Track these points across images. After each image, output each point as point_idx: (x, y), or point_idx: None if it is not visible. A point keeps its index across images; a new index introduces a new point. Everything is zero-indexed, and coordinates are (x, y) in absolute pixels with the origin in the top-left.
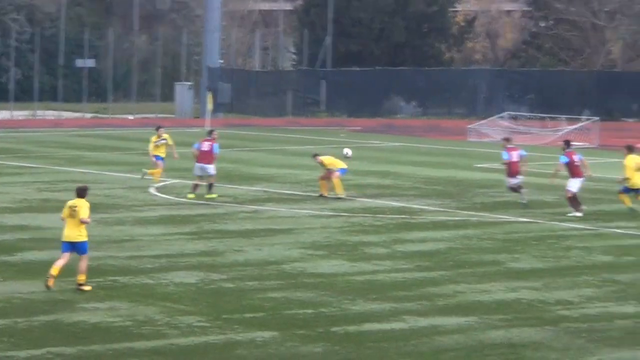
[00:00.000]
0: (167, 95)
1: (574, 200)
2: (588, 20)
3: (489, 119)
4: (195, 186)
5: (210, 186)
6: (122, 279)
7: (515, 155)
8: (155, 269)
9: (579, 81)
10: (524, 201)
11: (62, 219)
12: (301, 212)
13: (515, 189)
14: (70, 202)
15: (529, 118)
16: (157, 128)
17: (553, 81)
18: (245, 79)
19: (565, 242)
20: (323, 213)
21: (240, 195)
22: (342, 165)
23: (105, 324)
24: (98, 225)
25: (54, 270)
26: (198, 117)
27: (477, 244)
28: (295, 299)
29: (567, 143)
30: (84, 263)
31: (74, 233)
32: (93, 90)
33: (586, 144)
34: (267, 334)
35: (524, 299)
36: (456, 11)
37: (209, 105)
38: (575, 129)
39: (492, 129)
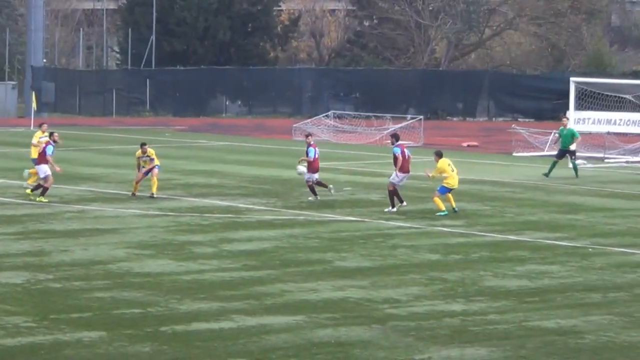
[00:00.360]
0: None
1: (394, 194)
2: (412, 19)
3: (314, 117)
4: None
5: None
6: None
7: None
8: None
9: (404, 80)
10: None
11: None
12: (127, 211)
13: (314, 184)
14: None
15: (355, 117)
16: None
17: (378, 80)
18: (69, 78)
19: (391, 241)
20: (149, 212)
21: (66, 195)
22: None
23: None
24: None
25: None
26: (22, 117)
27: (304, 242)
28: (122, 299)
29: (396, 137)
30: None
31: None
32: None
33: (411, 143)
34: (94, 334)
35: (352, 298)
36: (280, 10)
37: (34, 105)
38: (401, 127)
39: (318, 127)
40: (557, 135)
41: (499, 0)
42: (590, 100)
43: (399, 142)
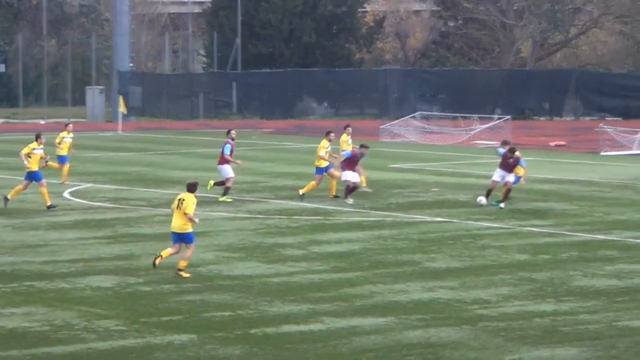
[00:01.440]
0: (78, 100)
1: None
2: (497, 19)
3: (401, 119)
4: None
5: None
6: (38, 284)
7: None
8: (71, 273)
9: (490, 80)
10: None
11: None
12: (215, 214)
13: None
14: (179, 195)
15: (441, 117)
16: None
17: (464, 80)
18: (156, 82)
19: (480, 241)
20: (238, 215)
21: (155, 199)
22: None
23: (22, 329)
24: (13, 231)
25: (165, 253)
26: (110, 121)
27: (393, 244)
28: (212, 302)
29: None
30: (189, 252)
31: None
32: (4, 95)
33: (499, 143)
34: (185, 337)
35: (441, 299)
36: (365, 12)
37: (122, 109)
38: (488, 128)
39: (405, 129)
40: None
41: None
42: None
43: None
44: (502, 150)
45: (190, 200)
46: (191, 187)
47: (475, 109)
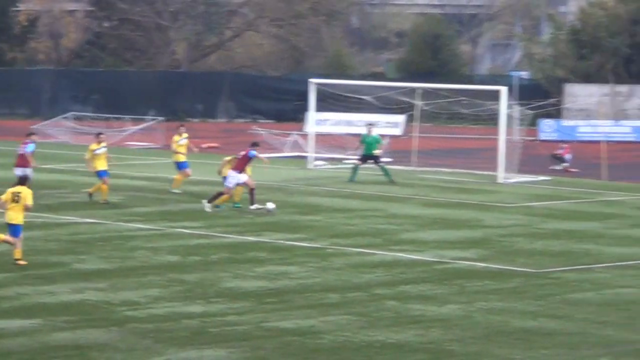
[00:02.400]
0: None
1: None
2: (152, 21)
3: (53, 119)
4: None
5: None
6: None
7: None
8: None
9: (144, 81)
10: None
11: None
12: None
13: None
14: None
15: (94, 118)
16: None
17: (118, 81)
18: None
19: (131, 243)
20: None
21: None
22: None
23: None
24: None
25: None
26: None
27: (43, 245)
28: None
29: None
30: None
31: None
32: None
33: (151, 144)
34: None
35: (90, 300)
36: (18, 11)
37: None
38: (141, 129)
39: (57, 129)
40: (359, 142)
41: (240, 2)
42: (330, 101)
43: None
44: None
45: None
46: (23, 181)
47: (129, 110)
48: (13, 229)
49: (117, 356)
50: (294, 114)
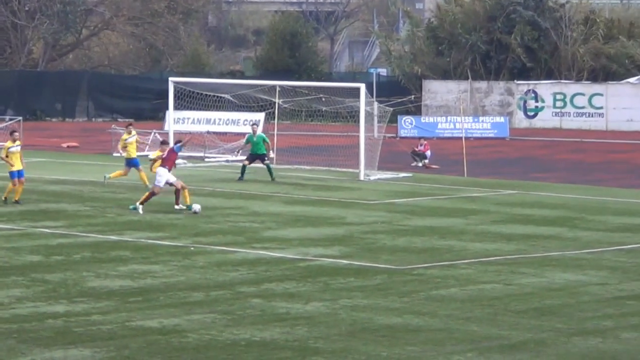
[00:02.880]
0: None
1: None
2: (8, 20)
3: None
4: None
5: None
6: None
7: None
8: None
9: (1, 81)
10: None
11: None
12: None
13: None
14: None
15: None
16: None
17: None
18: None
19: None
20: None
21: None
22: None
23: None
24: None
25: None
26: None
27: None
28: None
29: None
30: None
31: None
32: None
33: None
34: None
35: None
36: None
37: None
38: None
39: None
40: (244, 142)
41: (96, 1)
42: (189, 100)
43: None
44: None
45: None
46: None
47: None
48: None
49: None
50: (153, 113)
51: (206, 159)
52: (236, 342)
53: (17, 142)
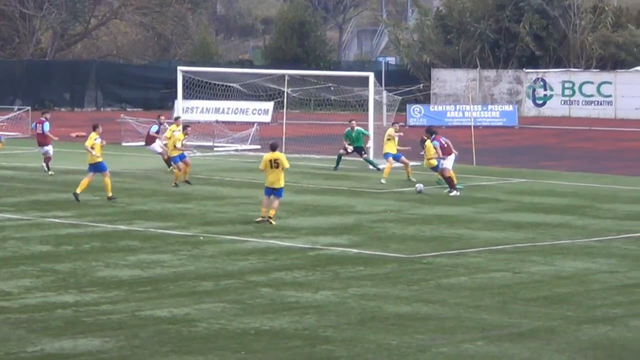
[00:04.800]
0: None
1: (451, 179)
2: (16, 9)
3: None
4: None
5: None
6: None
7: None
8: None
9: (10, 71)
10: None
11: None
12: None
13: None
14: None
15: None
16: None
17: None
18: None
19: (1, 233)
20: None
21: None
22: None
23: None
24: None
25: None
26: None
27: None
28: None
29: (431, 131)
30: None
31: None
32: None
33: (19, 134)
34: None
35: None
36: None
37: None
38: (8, 118)
39: None
40: (344, 138)
41: None
42: (197, 89)
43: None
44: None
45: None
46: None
47: None
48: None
49: None
50: (162, 102)
51: (215, 148)
52: (246, 331)
53: (179, 128)
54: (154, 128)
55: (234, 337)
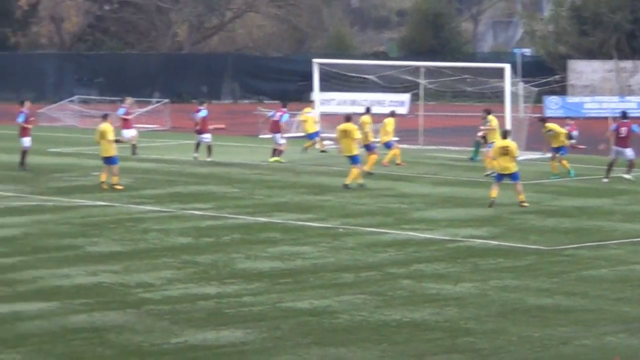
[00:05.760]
0: None
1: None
2: (152, 3)
3: (59, 103)
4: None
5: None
6: None
7: None
8: None
9: (147, 64)
10: None
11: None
12: None
13: None
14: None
15: (100, 102)
16: None
17: (121, 64)
18: None
19: (142, 225)
20: None
21: None
22: None
23: None
24: None
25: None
26: None
27: (54, 228)
28: None
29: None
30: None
31: None
32: None
33: (158, 127)
34: None
35: (105, 283)
36: None
37: None
38: (147, 111)
39: (63, 113)
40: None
41: None
42: (334, 81)
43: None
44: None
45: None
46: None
47: (133, 92)
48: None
49: (135, 338)
50: (298, 94)
51: None
52: (387, 322)
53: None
54: (285, 117)
55: (375, 329)
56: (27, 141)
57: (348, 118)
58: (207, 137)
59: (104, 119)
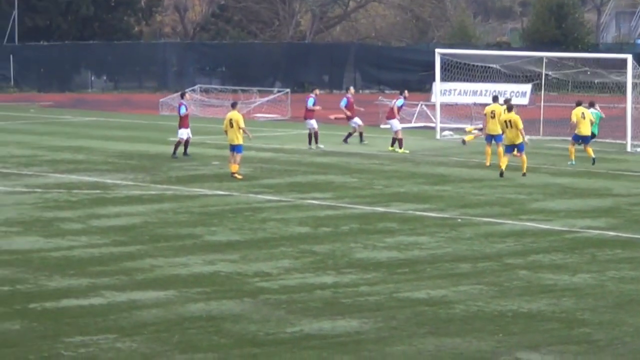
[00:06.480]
0: None
1: None
2: None
3: (181, 92)
4: None
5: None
6: None
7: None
8: None
9: (270, 53)
10: None
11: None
12: None
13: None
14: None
15: (221, 91)
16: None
17: (244, 54)
18: None
19: (261, 214)
20: (16, 189)
21: None
22: None
23: None
24: None
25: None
26: None
27: (173, 217)
28: None
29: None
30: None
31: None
32: None
33: (278, 116)
34: None
35: (222, 272)
36: None
37: None
38: (268, 101)
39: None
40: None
41: None
42: (455, 71)
43: None
44: None
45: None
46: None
47: (255, 82)
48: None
49: (251, 327)
50: (420, 85)
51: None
52: (503, 313)
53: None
54: (400, 102)
55: (491, 319)
56: (183, 133)
57: (510, 108)
58: (356, 121)
59: (233, 107)
